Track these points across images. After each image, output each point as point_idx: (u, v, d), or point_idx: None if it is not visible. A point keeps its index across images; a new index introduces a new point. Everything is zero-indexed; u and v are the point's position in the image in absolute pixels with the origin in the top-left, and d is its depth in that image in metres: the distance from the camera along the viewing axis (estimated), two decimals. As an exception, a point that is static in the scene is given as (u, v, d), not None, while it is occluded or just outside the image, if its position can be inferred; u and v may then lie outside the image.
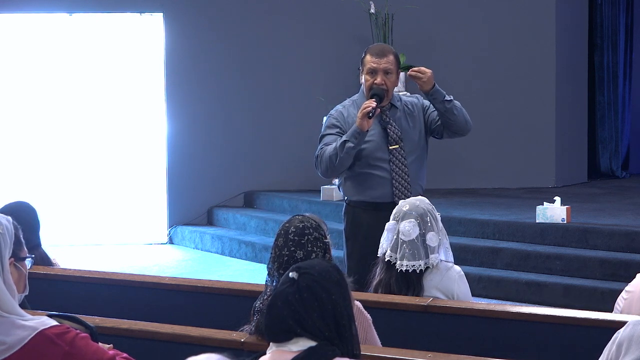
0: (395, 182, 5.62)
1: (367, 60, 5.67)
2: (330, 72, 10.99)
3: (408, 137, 5.69)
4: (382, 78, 5.60)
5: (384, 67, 5.62)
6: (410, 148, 5.68)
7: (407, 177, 5.65)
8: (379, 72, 5.61)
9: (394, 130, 5.66)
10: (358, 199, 5.68)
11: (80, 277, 5.18)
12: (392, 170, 5.62)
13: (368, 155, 5.62)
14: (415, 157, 5.70)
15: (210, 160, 11.08)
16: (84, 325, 3.21)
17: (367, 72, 5.65)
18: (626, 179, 11.93)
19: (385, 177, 5.62)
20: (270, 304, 2.78)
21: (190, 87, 11.01)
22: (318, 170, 5.70)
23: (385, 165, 5.62)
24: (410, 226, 4.56)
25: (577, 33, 11.55)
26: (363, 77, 5.68)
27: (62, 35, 10.93)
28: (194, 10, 11.04)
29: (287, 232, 3.75)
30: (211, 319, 4.58)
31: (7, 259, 3.11)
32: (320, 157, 5.64)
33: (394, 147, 5.64)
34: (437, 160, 10.97)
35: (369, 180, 5.63)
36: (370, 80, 5.62)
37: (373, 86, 5.61)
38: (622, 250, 8.19)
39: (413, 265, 4.53)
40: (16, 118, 10.95)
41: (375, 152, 5.62)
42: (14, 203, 5.36)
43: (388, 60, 5.65)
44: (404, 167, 5.64)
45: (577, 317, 4.25)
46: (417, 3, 10.62)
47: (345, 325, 2.75)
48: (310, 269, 2.77)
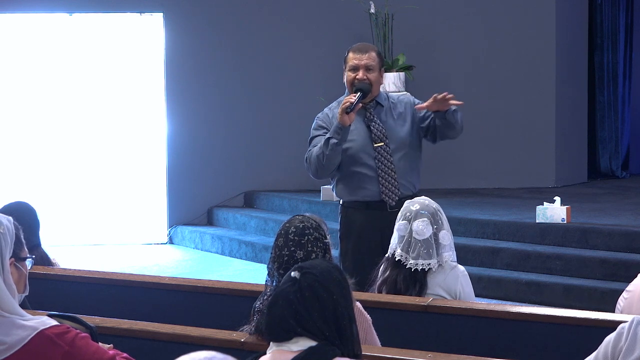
0: (382, 179, 5.62)
1: (349, 57, 5.73)
2: (330, 72, 10.97)
3: (394, 134, 5.68)
4: (363, 73, 5.64)
5: (365, 64, 5.66)
6: (397, 145, 5.67)
7: (395, 174, 5.63)
8: (360, 68, 5.65)
9: (378, 127, 5.66)
10: (349, 198, 5.69)
11: (80, 277, 5.19)
12: (378, 168, 5.63)
13: (354, 154, 5.63)
14: (402, 154, 5.68)
15: (210, 160, 11.08)
16: (84, 325, 3.21)
17: (349, 69, 5.69)
18: (626, 179, 11.93)
19: (371, 175, 5.62)
20: (271, 303, 2.78)
21: (190, 87, 11.00)
22: (309, 171, 5.73)
23: (371, 163, 5.63)
24: (423, 225, 4.60)
25: (577, 33, 11.54)
26: (345, 75, 5.71)
27: (62, 35, 10.93)
28: (194, 10, 11.04)
29: (287, 232, 3.75)
30: (211, 319, 4.58)
31: (8, 259, 3.11)
32: (309, 158, 5.66)
33: (379, 144, 5.64)
34: (437, 160, 10.98)
35: (357, 179, 5.64)
36: (352, 75, 5.66)
37: (355, 82, 5.65)
38: (622, 250, 8.18)
39: (429, 264, 4.57)
40: (16, 118, 10.95)
41: (360, 150, 5.64)
42: (14, 203, 5.37)
43: (370, 56, 5.70)
44: (390, 164, 5.63)
45: (577, 317, 4.25)
46: (417, 3, 10.62)
47: (346, 325, 2.75)
48: (312, 269, 2.77)
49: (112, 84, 11.01)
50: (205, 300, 4.82)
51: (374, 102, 5.70)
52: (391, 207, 5.58)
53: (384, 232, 5.38)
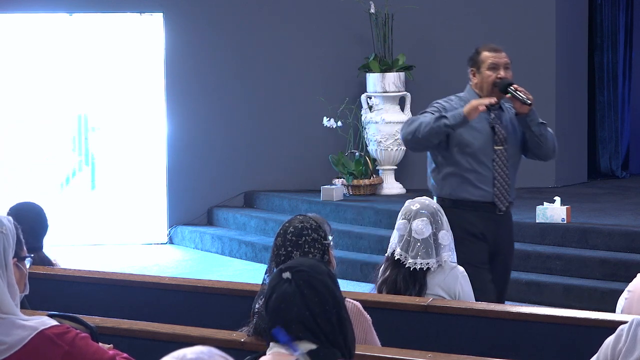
0: (497, 182, 5.54)
1: (485, 56, 5.65)
2: (330, 72, 10.99)
3: (512, 139, 5.62)
4: (504, 72, 5.58)
5: (504, 62, 5.63)
6: (512, 152, 5.62)
7: (508, 180, 5.58)
8: (500, 66, 5.59)
9: (501, 131, 5.58)
10: (459, 196, 5.56)
11: (80, 277, 5.19)
12: (495, 171, 5.55)
13: (474, 153, 5.53)
14: (515, 160, 5.65)
15: (210, 160, 11.07)
16: (84, 325, 3.21)
17: (488, 68, 5.59)
18: (626, 179, 11.92)
19: (488, 176, 5.54)
20: (273, 307, 2.75)
21: (190, 87, 11.00)
22: (402, 131, 5.58)
23: (489, 165, 5.55)
24: (423, 224, 4.61)
25: (577, 33, 11.54)
26: (481, 74, 5.60)
27: (62, 35, 10.93)
28: (194, 10, 11.04)
29: (285, 232, 3.75)
30: (211, 319, 4.58)
31: (11, 258, 3.11)
32: (411, 121, 5.54)
33: (499, 147, 5.57)
34: (437, 160, 10.99)
35: (473, 178, 5.54)
36: (493, 75, 5.57)
37: (496, 80, 5.56)
38: (622, 250, 8.18)
39: (427, 264, 4.57)
40: (16, 118, 10.95)
41: (481, 150, 5.54)
42: (22, 203, 5.39)
43: (506, 55, 5.67)
44: (505, 169, 5.58)
45: (577, 317, 4.26)
46: (417, 3, 10.62)
47: (345, 315, 2.76)
48: (300, 266, 2.78)
49: (112, 84, 11.01)
50: (205, 300, 4.82)
51: (499, 104, 5.62)
52: (500, 211, 5.56)
53: (491, 237, 5.45)
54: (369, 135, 10.53)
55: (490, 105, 5.42)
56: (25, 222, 5.23)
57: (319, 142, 10.89)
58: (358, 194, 10.44)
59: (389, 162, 10.59)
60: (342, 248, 9.38)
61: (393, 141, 10.44)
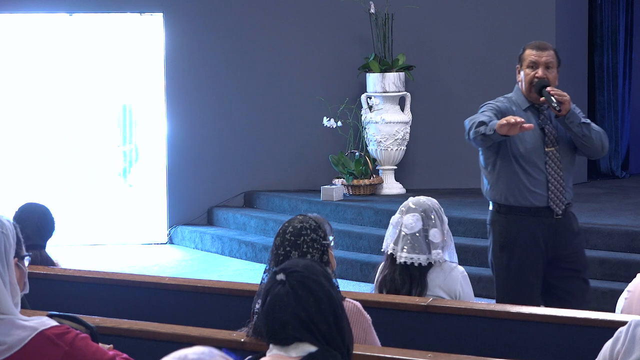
0: (551, 185, 5.34)
1: (527, 54, 5.42)
2: (330, 72, 10.99)
3: (563, 139, 5.40)
4: (543, 71, 5.36)
5: (545, 60, 5.39)
6: (565, 152, 5.40)
7: (562, 181, 5.37)
8: (540, 65, 5.38)
9: (552, 131, 5.39)
10: (515, 203, 5.38)
11: (80, 277, 5.19)
12: (548, 173, 5.35)
13: (525, 156, 5.34)
14: (568, 160, 5.42)
15: (210, 160, 11.07)
16: (84, 325, 3.21)
17: (527, 66, 5.40)
18: (626, 179, 11.92)
19: (541, 180, 5.34)
20: (267, 309, 2.75)
21: (190, 87, 11.00)
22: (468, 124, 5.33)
23: (542, 167, 5.35)
24: (413, 220, 4.62)
25: (577, 33, 11.54)
26: (522, 72, 5.41)
27: (62, 35, 10.93)
28: (194, 10, 11.04)
29: (284, 232, 3.75)
30: (211, 319, 4.58)
31: (12, 258, 3.11)
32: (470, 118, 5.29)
33: (550, 149, 5.37)
34: (437, 160, 10.99)
35: (527, 182, 5.34)
36: (531, 74, 5.37)
37: (534, 80, 5.37)
38: (622, 250, 8.18)
39: (412, 258, 4.58)
40: (16, 118, 10.96)
41: (532, 152, 5.35)
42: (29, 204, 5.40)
43: (549, 54, 5.42)
44: (559, 170, 5.37)
45: (577, 317, 4.25)
46: (417, 3, 10.62)
47: (342, 314, 2.75)
48: (295, 267, 2.77)
49: (112, 84, 11.01)
50: (205, 300, 4.82)
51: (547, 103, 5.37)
52: (557, 215, 5.37)
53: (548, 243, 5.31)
54: (369, 135, 10.54)
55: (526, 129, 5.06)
56: (30, 221, 5.25)
57: (319, 142, 10.90)
58: (358, 194, 10.44)
59: (389, 162, 10.59)
60: (342, 248, 9.39)
61: (393, 141, 10.44)
